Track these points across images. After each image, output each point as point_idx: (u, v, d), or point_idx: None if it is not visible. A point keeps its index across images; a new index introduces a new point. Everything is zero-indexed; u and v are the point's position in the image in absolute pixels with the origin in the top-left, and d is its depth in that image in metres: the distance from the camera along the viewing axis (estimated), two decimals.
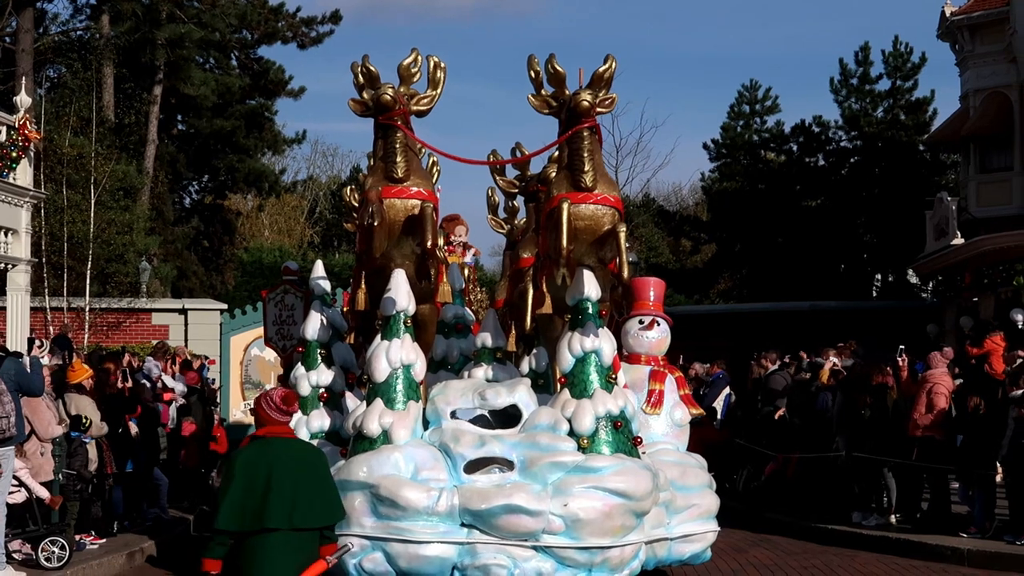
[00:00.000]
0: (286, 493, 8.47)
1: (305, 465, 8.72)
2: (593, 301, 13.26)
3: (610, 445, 12.86)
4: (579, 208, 12.97)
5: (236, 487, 8.50)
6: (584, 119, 13.01)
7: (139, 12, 42.08)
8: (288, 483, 8.50)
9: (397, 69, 13.78)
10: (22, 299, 21.25)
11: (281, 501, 8.44)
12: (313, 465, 8.81)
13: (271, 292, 17.98)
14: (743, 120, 51.82)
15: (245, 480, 8.51)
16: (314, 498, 8.63)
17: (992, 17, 34.86)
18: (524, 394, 13.53)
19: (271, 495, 8.43)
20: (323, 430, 14.29)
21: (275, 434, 8.78)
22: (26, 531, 14.56)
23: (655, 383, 14.69)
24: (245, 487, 8.48)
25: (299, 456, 8.78)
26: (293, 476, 8.56)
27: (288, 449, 8.76)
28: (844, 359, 21.05)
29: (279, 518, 8.42)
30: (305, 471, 8.67)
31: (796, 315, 37.45)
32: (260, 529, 8.41)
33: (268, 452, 8.62)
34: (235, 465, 8.63)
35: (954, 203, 34.75)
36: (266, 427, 8.80)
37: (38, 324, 29.47)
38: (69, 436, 15.82)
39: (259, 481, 8.47)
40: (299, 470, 8.63)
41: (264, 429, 8.81)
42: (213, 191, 52.39)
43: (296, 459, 8.70)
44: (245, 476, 8.52)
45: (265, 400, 8.85)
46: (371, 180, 13.65)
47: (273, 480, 8.46)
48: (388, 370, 13.08)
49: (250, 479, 8.50)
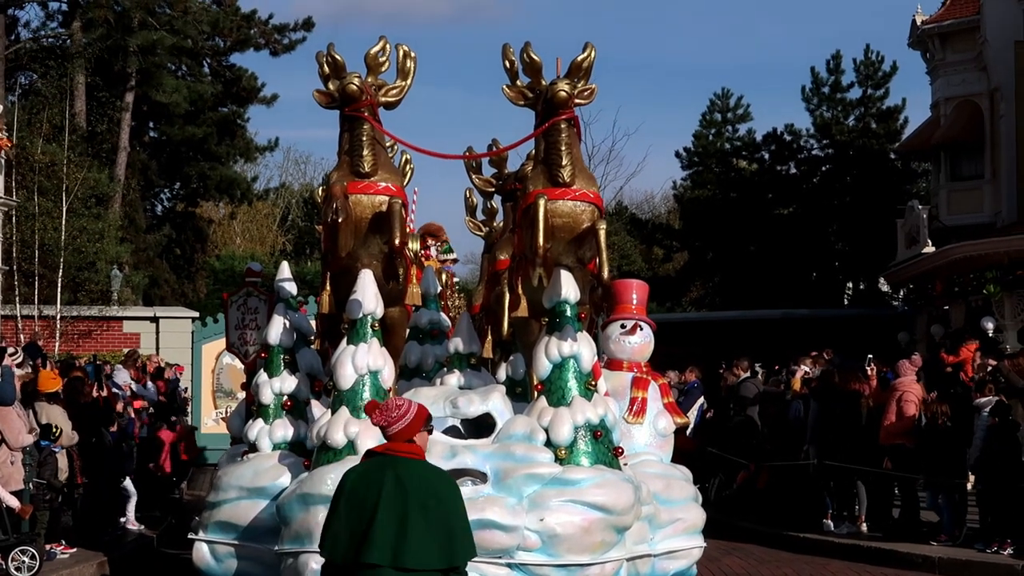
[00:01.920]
0: (393, 524, 7.21)
1: (426, 492, 7.32)
2: (572, 303, 12.59)
3: (589, 456, 12.17)
4: (556, 204, 12.33)
5: (341, 510, 7.40)
6: (561, 111, 12.35)
7: (111, 19, 41.91)
8: (398, 512, 7.21)
9: (364, 58, 13.04)
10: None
11: (386, 533, 7.20)
12: (437, 494, 7.38)
13: (233, 295, 17.14)
14: (715, 128, 51.89)
15: (351, 502, 7.37)
16: (432, 533, 7.24)
17: (963, 26, 35.04)
18: (498, 402, 12.85)
19: (375, 524, 7.22)
20: (286, 440, 13.39)
21: (396, 452, 7.50)
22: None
23: (637, 390, 13.87)
24: (350, 511, 7.34)
25: (419, 482, 7.38)
26: (406, 504, 7.23)
27: (408, 472, 7.40)
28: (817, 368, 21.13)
29: (381, 553, 7.18)
30: (424, 500, 7.28)
31: (768, 323, 37.55)
32: (361, 563, 7.24)
33: (382, 473, 7.37)
34: (343, 483, 7.51)
35: (925, 211, 34.92)
36: (386, 443, 7.60)
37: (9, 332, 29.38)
38: (39, 445, 15.75)
39: (366, 505, 7.28)
40: (416, 497, 7.27)
41: (384, 445, 7.61)
42: (185, 199, 52.20)
43: (415, 485, 7.32)
44: (352, 498, 7.39)
45: (387, 411, 7.62)
46: (336, 175, 12.88)
47: (381, 506, 7.22)
48: (354, 376, 12.36)
49: (357, 502, 7.34)
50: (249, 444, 13.43)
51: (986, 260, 29.47)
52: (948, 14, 35.92)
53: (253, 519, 12.79)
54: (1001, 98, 33.24)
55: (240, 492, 13.00)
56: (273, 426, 13.46)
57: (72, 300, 33.50)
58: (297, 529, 11.91)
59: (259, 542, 12.67)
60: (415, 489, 7.31)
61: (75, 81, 40.63)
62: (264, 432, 13.38)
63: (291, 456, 13.13)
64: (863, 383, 19.03)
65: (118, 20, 42.10)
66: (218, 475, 13.60)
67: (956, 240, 31.61)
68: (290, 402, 13.66)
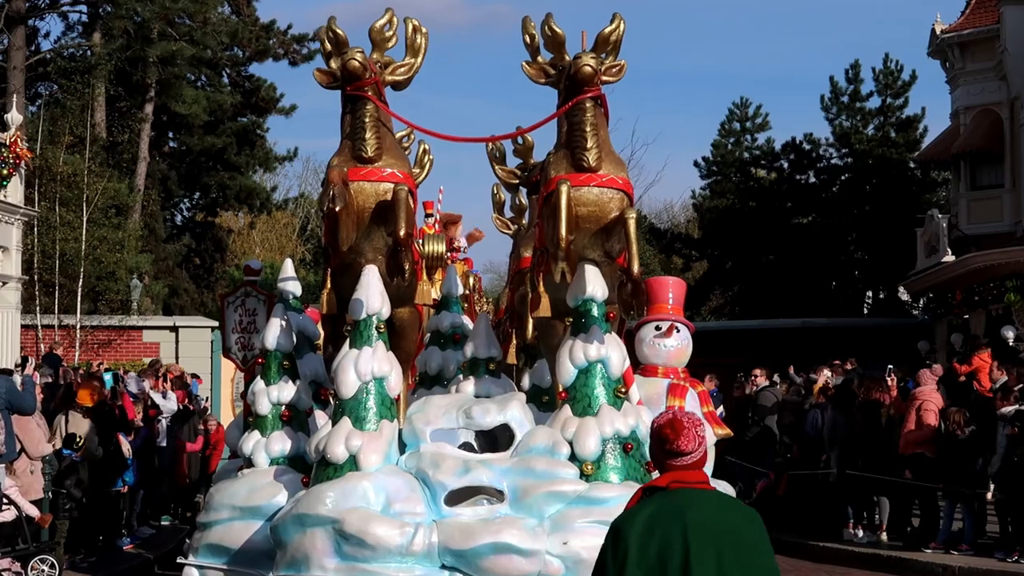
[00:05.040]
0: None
1: (736, 537, 5.62)
2: (598, 302, 11.35)
3: (619, 472, 10.93)
4: (581, 192, 11.10)
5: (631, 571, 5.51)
6: (587, 88, 11.10)
7: (131, 30, 42.07)
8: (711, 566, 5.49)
9: (368, 32, 11.85)
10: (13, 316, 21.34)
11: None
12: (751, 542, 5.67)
13: (229, 295, 15.96)
14: (734, 137, 51.82)
15: (644, 560, 5.51)
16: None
17: (982, 35, 34.93)
18: (517, 411, 11.58)
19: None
20: (284, 454, 12.18)
21: (685, 484, 5.73)
22: (16, 549, 14.54)
23: (674, 399, 12.48)
24: (647, 571, 5.50)
25: (727, 525, 5.63)
26: (719, 554, 5.51)
27: (712, 514, 5.63)
28: (836, 376, 21.09)
29: None
30: (737, 546, 5.59)
31: (787, 332, 37.47)
32: None
33: (680, 517, 5.55)
34: (628, 536, 5.56)
35: (945, 220, 34.80)
36: (670, 474, 5.78)
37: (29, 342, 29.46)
38: (60, 454, 15.80)
39: (671, 562, 5.47)
40: (731, 551, 5.55)
41: (667, 477, 5.78)
42: (204, 208, 52.36)
43: (724, 529, 5.59)
44: (644, 554, 5.52)
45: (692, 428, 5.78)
46: (336, 160, 11.61)
47: (693, 561, 5.46)
48: (357, 384, 11.08)
49: (656, 559, 5.50)
50: (245, 459, 12.40)
51: (1006, 269, 29.39)
52: (967, 23, 35.82)
53: (246, 541, 11.74)
54: (1021, 107, 33.11)
55: (233, 512, 11.90)
56: (270, 439, 12.26)
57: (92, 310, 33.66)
58: (293, 553, 10.81)
59: (253, 566, 11.62)
60: (726, 532, 5.60)
61: (95, 92, 40.81)
62: (260, 445, 12.23)
63: (289, 472, 11.99)
64: (883, 392, 18.98)
65: (138, 31, 42.27)
66: (210, 493, 12.57)
67: (976, 249, 31.51)
68: (288, 412, 12.43)
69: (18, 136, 21.21)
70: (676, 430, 5.72)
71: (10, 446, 13.93)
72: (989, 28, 34.57)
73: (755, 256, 47.64)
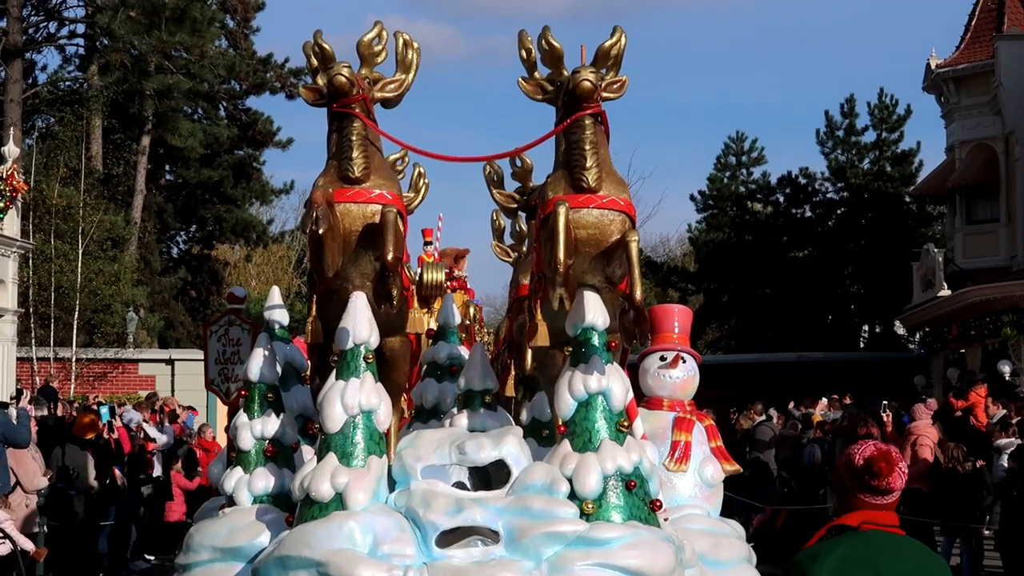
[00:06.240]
0: None
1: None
2: (599, 330, 10.53)
3: (621, 511, 9.97)
4: (580, 214, 10.36)
5: None
6: (585, 104, 10.39)
7: (128, 63, 42.17)
8: None
9: (356, 47, 11.22)
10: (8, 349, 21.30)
11: None
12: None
13: (212, 324, 15.17)
14: (730, 171, 51.99)
15: None
16: None
17: (977, 69, 35.07)
18: (513, 447, 10.64)
19: None
20: (268, 492, 11.21)
21: (878, 526, 5.33)
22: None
23: (680, 433, 11.74)
24: None
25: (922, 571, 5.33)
26: None
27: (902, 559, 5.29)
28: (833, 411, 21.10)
29: None
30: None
31: (783, 366, 37.48)
32: None
33: (872, 565, 5.20)
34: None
35: (940, 255, 34.89)
36: (862, 512, 5.38)
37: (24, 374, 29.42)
38: (55, 487, 15.76)
39: None
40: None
41: (858, 516, 5.39)
42: (200, 241, 52.40)
43: None
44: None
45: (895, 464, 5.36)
46: (321, 180, 10.79)
47: None
48: (344, 417, 10.26)
49: None
50: (227, 496, 11.46)
51: (1002, 303, 29.43)
52: (962, 58, 35.96)
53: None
54: (1016, 141, 33.24)
55: (213, 553, 10.94)
56: (253, 476, 11.32)
57: (88, 342, 33.61)
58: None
59: None
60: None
61: (91, 124, 40.90)
62: (243, 483, 11.27)
63: (272, 511, 11.05)
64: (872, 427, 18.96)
65: (135, 64, 42.38)
66: (189, 533, 11.57)
67: (972, 283, 31.58)
68: (273, 448, 11.52)
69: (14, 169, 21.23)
70: (890, 465, 5.28)
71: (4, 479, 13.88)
72: (984, 63, 34.71)
73: (751, 290, 47.72)
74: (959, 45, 36.72)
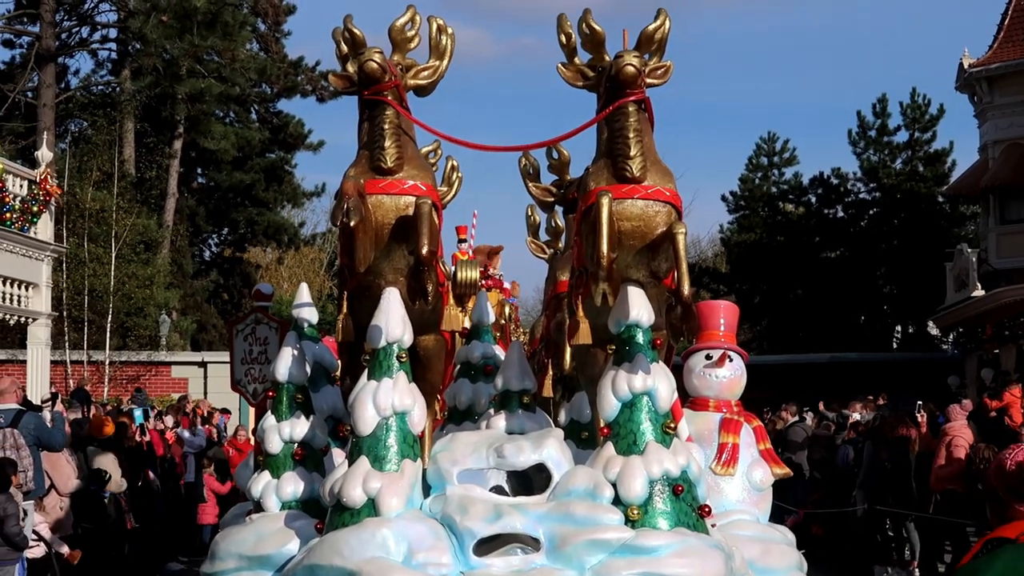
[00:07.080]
0: None
1: None
2: (644, 327, 9.98)
3: (668, 517, 9.46)
4: (624, 205, 9.81)
5: None
6: (629, 90, 9.81)
7: (160, 67, 42.38)
8: None
9: (388, 32, 10.59)
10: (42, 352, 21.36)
11: None
12: None
13: (238, 323, 14.68)
14: (761, 172, 51.86)
15: None
16: None
17: (1011, 68, 34.90)
18: (554, 450, 10.06)
19: None
20: (296, 497, 10.72)
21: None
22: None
23: (727, 435, 11.30)
24: None
25: None
26: None
27: None
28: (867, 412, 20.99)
29: None
30: None
31: (816, 367, 37.37)
32: None
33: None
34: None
35: (974, 255, 34.71)
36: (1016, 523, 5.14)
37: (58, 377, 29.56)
38: (88, 490, 15.80)
39: None
40: None
41: (1016, 527, 5.12)
42: (232, 244, 52.60)
43: None
44: None
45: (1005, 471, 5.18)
46: (352, 171, 10.23)
47: None
48: (376, 419, 9.73)
49: None
50: (254, 502, 11.07)
51: None
52: (995, 57, 35.77)
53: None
54: None
55: (240, 561, 10.53)
56: (282, 480, 10.84)
57: (121, 345, 33.76)
58: None
59: None
60: None
61: (124, 128, 41.11)
62: (271, 488, 10.83)
63: (302, 517, 10.54)
64: (910, 428, 18.86)
65: (167, 68, 42.57)
66: (215, 540, 11.26)
67: (1006, 283, 31.38)
68: (302, 451, 11.06)
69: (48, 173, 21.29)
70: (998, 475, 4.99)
71: (39, 482, 13.92)
72: (1017, 62, 34.54)
73: (783, 291, 47.58)
74: (992, 44, 36.53)
